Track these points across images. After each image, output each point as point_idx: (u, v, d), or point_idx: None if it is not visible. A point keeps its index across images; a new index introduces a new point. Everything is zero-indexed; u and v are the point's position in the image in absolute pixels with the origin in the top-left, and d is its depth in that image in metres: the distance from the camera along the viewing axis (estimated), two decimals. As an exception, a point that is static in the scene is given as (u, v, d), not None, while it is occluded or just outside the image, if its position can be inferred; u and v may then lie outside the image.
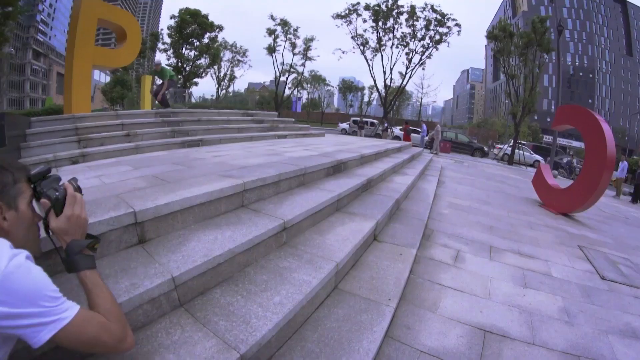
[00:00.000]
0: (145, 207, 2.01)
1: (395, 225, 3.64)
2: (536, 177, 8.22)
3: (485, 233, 4.50)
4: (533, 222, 5.96)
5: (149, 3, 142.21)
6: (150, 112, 7.41)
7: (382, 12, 30.27)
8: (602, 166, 6.59)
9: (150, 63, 47.20)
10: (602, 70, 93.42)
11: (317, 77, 69.57)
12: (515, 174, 14.73)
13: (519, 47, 23.40)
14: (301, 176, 3.55)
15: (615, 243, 6.11)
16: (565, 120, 7.70)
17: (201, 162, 3.99)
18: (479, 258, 3.59)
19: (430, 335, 2.16)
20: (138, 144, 5.37)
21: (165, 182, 2.75)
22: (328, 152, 5.34)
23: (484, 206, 6.27)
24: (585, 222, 7.08)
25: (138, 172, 3.37)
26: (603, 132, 6.66)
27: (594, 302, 3.38)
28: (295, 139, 8.57)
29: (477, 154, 25.48)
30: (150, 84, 11.67)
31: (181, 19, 32.91)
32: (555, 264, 4.10)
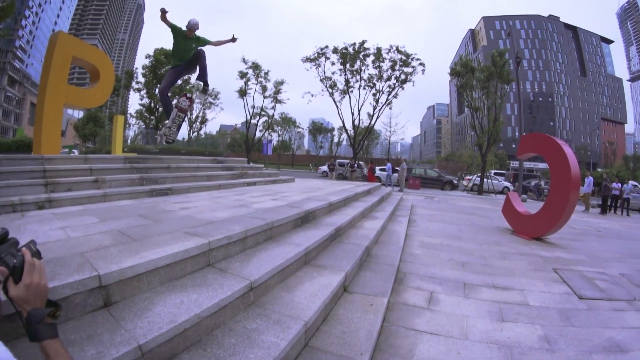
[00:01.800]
0: (110, 271, 1.95)
1: (365, 274, 3.56)
2: (505, 206, 8.32)
3: (459, 270, 4.47)
4: (506, 251, 5.98)
5: (126, 40, 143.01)
6: (119, 158, 7.22)
7: (349, 54, 31.14)
8: (568, 187, 6.80)
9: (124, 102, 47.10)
10: (560, 93, 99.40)
11: (288, 120, 70.88)
12: (485, 203, 14.95)
13: (481, 80, 24.36)
14: (268, 230, 3.48)
15: (590, 259, 6.18)
16: (529, 148, 8.04)
17: (168, 215, 3.89)
18: (454, 297, 3.53)
19: None
20: (106, 192, 5.21)
21: (131, 240, 2.66)
22: (296, 201, 5.30)
23: (455, 242, 6.25)
24: (558, 243, 7.17)
25: (104, 226, 3.24)
26: (565, 155, 6.94)
27: (573, 324, 3.35)
28: (264, 187, 8.53)
29: (447, 187, 25.80)
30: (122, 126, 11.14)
31: (156, 59, 32.78)
32: (531, 291, 4.07)
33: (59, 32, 6.88)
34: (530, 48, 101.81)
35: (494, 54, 24.26)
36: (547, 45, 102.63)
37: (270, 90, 39.29)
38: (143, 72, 33.67)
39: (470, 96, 25.01)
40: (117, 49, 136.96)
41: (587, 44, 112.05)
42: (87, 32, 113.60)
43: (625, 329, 3.45)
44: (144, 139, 35.77)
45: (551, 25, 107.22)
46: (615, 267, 5.86)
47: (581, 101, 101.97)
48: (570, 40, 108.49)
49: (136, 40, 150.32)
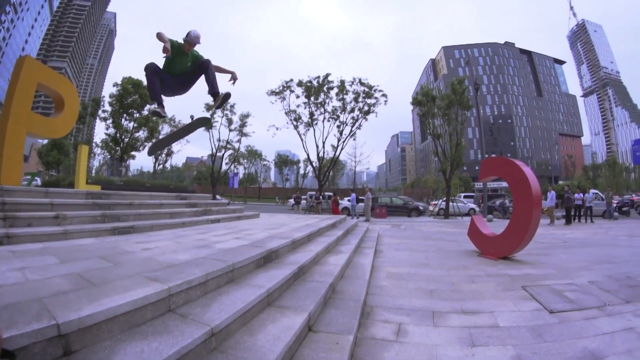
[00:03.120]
0: (69, 319, 1.84)
1: (331, 312, 3.42)
2: (471, 229, 8.38)
3: (427, 298, 4.38)
4: (474, 275, 5.94)
5: (95, 65, 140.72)
6: (81, 193, 6.91)
7: (313, 88, 31.42)
8: (530, 206, 6.92)
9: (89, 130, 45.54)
10: (518, 114, 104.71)
11: (254, 153, 70.77)
12: (452, 227, 14.92)
13: (442, 108, 25.04)
14: (230, 273, 3.33)
15: (558, 272, 6.24)
16: (489, 172, 8.21)
17: (129, 257, 3.71)
18: (422, 327, 3.43)
19: None
20: (67, 229, 4.94)
21: (90, 285, 2.52)
22: (259, 239, 5.15)
23: (423, 270, 6.18)
24: (526, 260, 7.22)
25: (64, 268, 3.05)
26: (525, 175, 7.10)
27: (546, 340, 3.32)
28: (229, 224, 8.30)
29: (414, 214, 25.91)
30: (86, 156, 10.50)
31: (123, 87, 31.91)
32: (501, 312, 4.02)
33: (25, 57, 6.72)
34: (488, 74, 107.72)
35: (454, 82, 25.13)
36: (504, 70, 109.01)
37: (236, 123, 39.10)
38: (110, 100, 32.87)
39: (432, 124, 25.70)
40: (86, 74, 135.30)
41: (542, 66, 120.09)
42: (57, 54, 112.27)
43: (598, 336, 3.46)
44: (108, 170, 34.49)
45: (507, 52, 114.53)
46: (584, 275, 5.92)
47: (539, 120, 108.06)
48: (525, 64, 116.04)
49: (105, 66, 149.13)
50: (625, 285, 5.38)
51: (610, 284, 5.41)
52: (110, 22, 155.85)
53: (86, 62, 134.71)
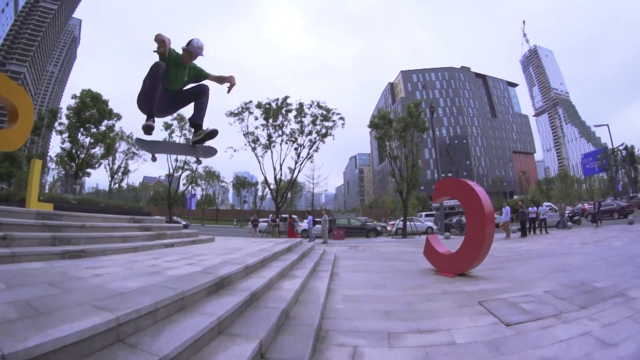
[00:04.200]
0: (15, 350, 1.76)
1: (284, 338, 3.29)
2: (426, 249, 8.44)
3: (383, 320, 4.32)
4: (430, 293, 5.93)
5: (55, 73, 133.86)
6: (31, 212, 6.50)
7: (272, 110, 31.16)
8: (483, 223, 7.11)
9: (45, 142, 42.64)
10: (473, 135, 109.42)
11: (211, 174, 69.84)
12: (409, 246, 14.89)
13: (398, 131, 25.60)
14: (180, 301, 3.17)
15: (514, 284, 6.32)
16: (443, 193, 8.46)
17: (78, 283, 3.50)
18: (378, 349, 3.36)
19: None
20: (14, 251, 4.63)
21: (37, 314, 2.38)
22: (212, 265, 4.96)
23: (380, 291, 6.12)
24: (482, 275, 7.32)
25: (10, 294, 2.85)
26: (477, 194, 7.30)
27: (503, 353, 3.33)
28: (183, 248, 8.02)
29: (372, 235, 26.12)
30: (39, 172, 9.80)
31: (81, 100, 30.41)
32: (458, 329, 4.00)
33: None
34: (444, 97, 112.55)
35: (410, 106, 25.86)
36: (460, 93, 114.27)
37: None
38: (67, 113, 31.16)
39: (388, 146, 26.19)
40: (45, 82, 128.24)
41: (496, 89, 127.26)
42: (17, 57, 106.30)
43: (555, 344, 3.51)
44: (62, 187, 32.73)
45: (463, 75, 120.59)
46: (540, 286, 6.04)
47: (493, 139, 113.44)
48: (480, 87, 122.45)
49: (66, 75, 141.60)
50: (580, 292, 5.53)
51: (565, 292, 5.55)
52: (74, 29, 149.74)
53: (46, 68, 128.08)
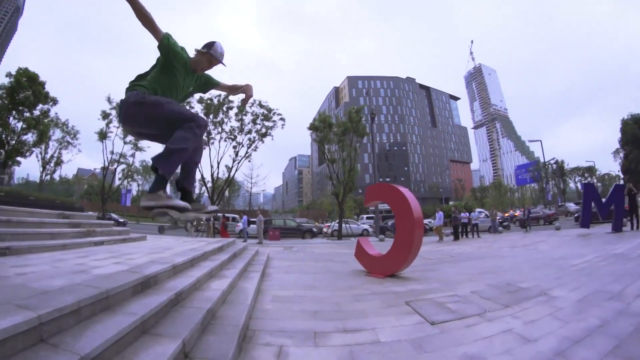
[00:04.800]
0: None
1: (209, 338, 3.23)
2: (357, 250, 8.62)
3: (310, 320, 4.35)
4: (359, 294, 6.02)
5: None
6: None
7: (213, 106, 30.55)
8: (412, 227, 7.37)
9: None
10: (413, 142, 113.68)
11: (148, 168, 65.81)
12: (344, 248, 15.01)
13: (338, 135, 25.99)
14: (104, 300, 3.05)
15: (442, 285, 6.54)
16: (374, 197, 8.65)
17: (1, 282, 3.24)
18: (303, 348, 3.38)
19: None
20: None
21: None
22: (139, 264, 4.74)
23: (309, 292, 6.15)
24: (412, 276, 7.54)
25: None
26: (407, 199, 7.57)
27: (426, 351, 3.42)
28: (112, 247, 7.58)
29: (308, 236, 26.27)
30: None
31: (16, 80, 27.74)
32: (383, 328, 4.08)
33: None
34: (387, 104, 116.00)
35: (351, 111, 26.45)
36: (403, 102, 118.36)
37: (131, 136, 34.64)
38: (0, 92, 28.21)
39: (327, 149, 26.54)
40: None
41: (438, 101, 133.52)
42: None
43: (478, 341, 3.66)
44: None
45: (408, 85, 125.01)
46: (467, 286, 6.29)
47: (432, 147, 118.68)
48: (423, 97, 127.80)
49: (3, 49, 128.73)
50: (505, 292, 5.81)
51: (491, 292, 5.81)
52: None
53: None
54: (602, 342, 3.55)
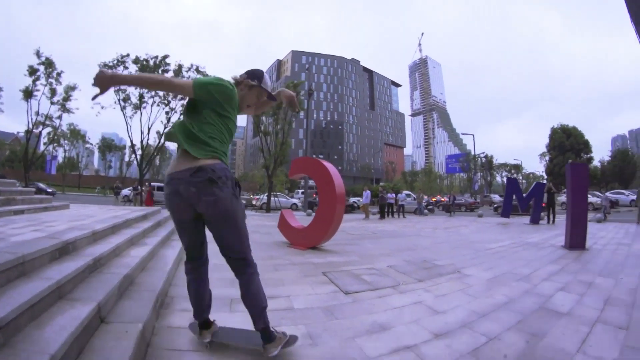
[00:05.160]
0: None
1: (125, 303, 3.29)
2: (280, 222, 8.82)
3: (228, 288, 4.38)
4: (278, 264, 6.21)
5: None
6: None
7: (149, 67, 28.49)
8: (334, 202, 7.63)
9: None
10: (349, 122, 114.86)
11: (76, 133, 62.10)
12: (271, 221, 15.12)
13: (273, 107, 25.68)
14: (20, 265, 3.02)
15: (361, 258, 6.88)
16: (299, 170, 8.77)
17: None
18: (219, 314, 3.49)
19: None
20: None
21: None
22: (59, 231, 4.59)
23: None
24: (333, 249, 7.87)
25: None
26: (330, 175, 7.77)
27: (337, 317, 3.63)
28: (33, 215, 7.25)
29: None
30: None
31: None
32: (298, 296, 4.29)
33: None
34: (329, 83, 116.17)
35: (289, 85, 26.23)
36: (345, 82, 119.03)
37: (59, 96, 31.87)
38: None
39: (262, 121, 26.30)
40: None
41: (380, 85, 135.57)
42: None
43: (388, 310, 3.92)
44: None
45: (351, 67, 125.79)
46: (384, 261, 6.63)
47: (368, 129, 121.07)
48: (365, 80, 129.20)
49: None
50: (420, 268, 6.22)
51: (407, 267, 6.20)
52: None
53: None
54: (507, 316, 3.96)
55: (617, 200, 32.60)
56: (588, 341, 3.28)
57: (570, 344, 3.20)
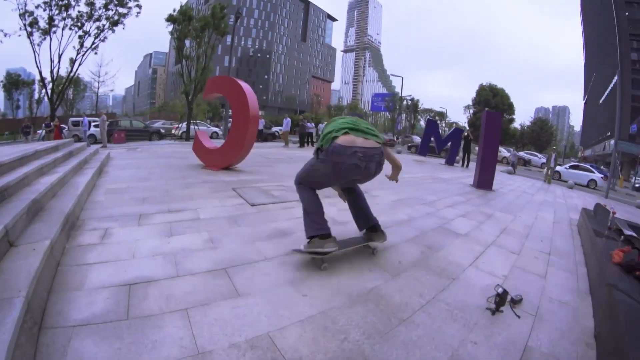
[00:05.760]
0: None
1: (35, 226, 3.29)
2: (195, 144, 8.72)
3: (138, 206, 4.53)
4: (190, 182, 6.29)
5: None
6: None
7: None
8: (247, 123, 7.70)
9: None
10: (278, 52, 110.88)
11: None
12: (189, 148, 15.22)
13: (197, 29, 24.05)
14: None
15: (273, 177, 7.23)
16: (214, 89, 8.53)
17: None
18: (127, 228, 3.63)
19: (79, 310, 2.11)
20: None
21: None
22: None
23: (142, 183, 6.14)
24: (247, 170, 8.12)
25: None
26: (245, 95, 7.72)
27: (240, 225, 3.93)
28: None
29: (155, 137, 25.17)
30: None
31: None
32: (205, 208, 4.52)
33: None
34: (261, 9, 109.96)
35: (216, 7, 24.40)
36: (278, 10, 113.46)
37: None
38: None
39: (183, 44, 24.48)
40: None
41: (314, 17, 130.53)
42: None
43: (291, 219, 4.27)
44: None
45: None
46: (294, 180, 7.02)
47: (297, 61, 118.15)
48: (300, 10, 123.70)
49: None
50: None
51: None
52: None
53: None
54: (406, 231, 4.47)
55: (530, 160, 35.56)
56: (481, 258, 3.84)
57: (464, 259, 3.73)
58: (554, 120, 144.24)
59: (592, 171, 24.23)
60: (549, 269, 3.82)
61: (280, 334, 2.03)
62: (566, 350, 2.27)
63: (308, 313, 2.30)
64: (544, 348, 2.27)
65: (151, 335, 1.90)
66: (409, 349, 2.04)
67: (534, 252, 4.34)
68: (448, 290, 2.92)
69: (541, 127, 71.62)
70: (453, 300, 2.74)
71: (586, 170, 24.13)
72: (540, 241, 4.94)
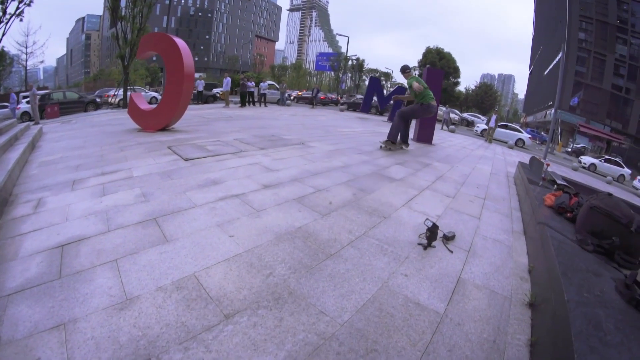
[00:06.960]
0: None
1: None
2: (130, 108, 8.40)
3: (72, 173, 4.43)
4: (125, 145, 6.14)
5: None
6: None
7: None
8: (181, 79, 7.51)
9: None
10: (220, 11, 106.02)
11: None
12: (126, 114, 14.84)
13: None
14: None
15: (210, 135, 7.20)
16: (148, 47, 8.14)
17: None
18: (60, 195, 3.57)
19: (14, 278, 2.07)
20: None
21: None
22: None
23: (77, 151, 5.94)
24: (184, 129, 8.07)
25: None
26: (180, 52, 7.49)
27: (173, 178, 3.95)
28: None
29: (91, 108, 23.75)
30: None
31: None
32: (139, 167, 4.50)
33: None
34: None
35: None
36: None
37: None
38: None
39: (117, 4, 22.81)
40: None
41: None
42: None
43: (223, 170, 4.34)
44: None
45: None
46: (232, 136, 7.03)
47: (239, 19, 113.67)
48: None
49: None
50: (266, 140, 6.75)
51: (253, 140, 6.68)
52: None
53: None
54: (339, 175, 4.61)
55: (473, 121, 36.58)
56: (415, 200, 4.01)
57: (397, 200, 3.88)
58: (499, 87, 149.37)
59: (520, 131, 25.28)
60: (484, 211, 4.02)
61: (205, 274, 2.11)
62: (500, 283, 2.39)
63: (234, 252, 2.39)
64: (478, 280, 2.37)
65: (82, 290, 1.93)
66: (336, 282, 2.14)
67: (469, 197, 4.55)
68: (379, 227, 3.03)
69: (486, 91, 73.54)
70: (383, 237, 2.84)
71: (514, 130, 25.04)
72: (476, 187, 5.20)
